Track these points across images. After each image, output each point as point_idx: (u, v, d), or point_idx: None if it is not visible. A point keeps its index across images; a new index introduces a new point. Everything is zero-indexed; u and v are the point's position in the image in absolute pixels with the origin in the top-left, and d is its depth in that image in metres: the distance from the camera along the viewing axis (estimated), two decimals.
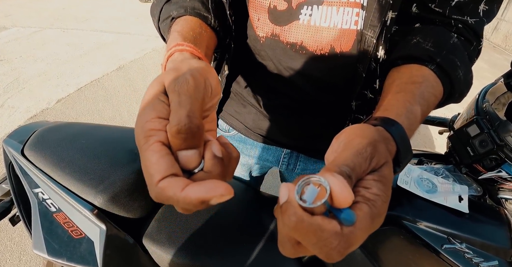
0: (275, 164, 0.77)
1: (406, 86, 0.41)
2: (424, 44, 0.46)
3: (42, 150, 0.65)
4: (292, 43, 0.55)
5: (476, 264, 0.57)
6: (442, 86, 0.44)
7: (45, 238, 0.60)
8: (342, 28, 0.52)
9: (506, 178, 0.71)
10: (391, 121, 0.34)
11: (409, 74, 0.44)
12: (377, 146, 0.29)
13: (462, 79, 0.45)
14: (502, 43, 5.95)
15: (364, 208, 0.24)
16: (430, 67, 0.44)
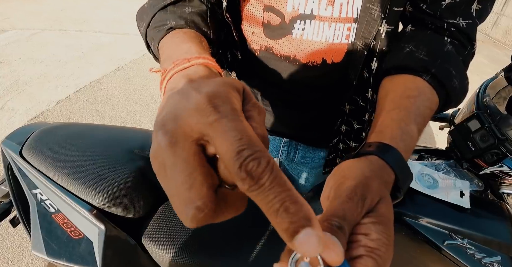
0: (275, 154, 0.78)
1: (400, 102, 0.40)
2: (418, 53, 0.45)
3: (40, 151, 0.65)
4: (285, 56, 0.57)
5: (479, 260, 0.56)
6: (438, 96, 0.43)
7: (44, 239, 0.59)
8: (333, 42, 0.53)
9: (508, 173, 0.70)
10: (386, 147, 0.33)
11: (403, 87, 0.43)
12: (368, 185, 0.27)
13: (457, 88, 0.44)
14: (502, 38, 5.93)
15: (369, 263, 0.23)
16: (425, 78, 0.43)
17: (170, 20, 0.45)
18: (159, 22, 0.46)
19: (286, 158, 0.79)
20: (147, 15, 0.48)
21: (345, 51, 0.55)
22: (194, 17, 0.46)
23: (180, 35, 0.42)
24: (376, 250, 0.24)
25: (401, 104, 0.39)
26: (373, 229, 0.25)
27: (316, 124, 0.69)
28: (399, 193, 0.33)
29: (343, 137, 0.67)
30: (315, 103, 0.65)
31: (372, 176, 0.29)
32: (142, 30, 0.49)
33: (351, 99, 0.60)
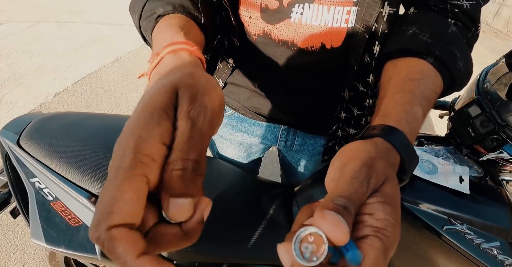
0: (273, 142, 0.77)
1: (404, 85, 0.39)
2: (421, 35, 0.44)
3: (38, 140, 0.65)
4: (283, 41, 0.55)
5: (478, 245, 0.56)
6: (442, 79, 0.42)
7: (43, 227, 0.60)
8: (332, 26, 0.52)
9: (508, 159, 0.70)
10: (391, 129, 0.33)
11: (407, 70, 0.42)
12: (373, 165, 0.27)
13: (462, 71, 0.44)
14: (504, 28, 5.88)
15: (376, 243, 0.23)
16: (429, 60, 0.42)
17: (159, 7, 0.43)
18: (149, 11, 0.44)
19: (285, 146, 0.78)
20: (138, 6, 0.47)
21: (344, 36, 0.54)
22: (183, 1, 0.44)
23: (164, 23, 0.41)
24: (382, 230, 0.23)
25: (405, 87, 0.39)
26: (380, 209, 0.24)
27: (315, 111, 0.69)
28: (405, 176, 0.32)
29: (342, 124, 0.67)
30: (314, 89, 0.65)
31: (377, 157, 0.28)
32: (136, 22, 0.48)
33: (351, 85, 0.59)
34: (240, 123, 0.76)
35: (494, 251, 0.56)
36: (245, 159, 0.85)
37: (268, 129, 0.75)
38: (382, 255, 0.23)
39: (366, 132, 0.34)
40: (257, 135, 0.77)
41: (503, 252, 0.56)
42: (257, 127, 0.75)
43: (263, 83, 0.66)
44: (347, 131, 0.67)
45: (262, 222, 0.64)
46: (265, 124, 0.74)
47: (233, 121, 0.76)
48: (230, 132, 0.79)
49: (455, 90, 0.47)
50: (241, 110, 0.72)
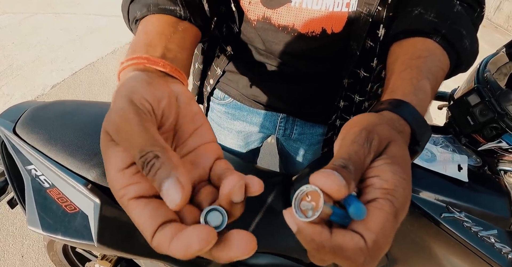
0: (272, 130, 0.77)
1: (411, 62, 0.39)
2: (427, 15, 0.44)
3: (34, 127, 0.64)
4: (283, 26, 0.55)
5: (475, 233, 0.56)
6: (449, 58, 0.42)
7: (39, 214, 0.59)
8: (333, 11, 0.51)
9: (507, 149, 0.70)
10: (398, 102, 0.32)
11: (413, 49, 0.42)
12: (374, 129, 0.26)
13: (468, 49, 0.43)
14: (504, 23, 5.85)
15: (385, 206, 0.22)
16: (435, 39, 0.42)
17: (137, 11, 0.42)
18: (132, 16, 0.44)
19: (283, 135, 0.78)
20: (124, 12, 0.46)
21: (345, 21, 0.53)
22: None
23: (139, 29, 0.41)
24: (391, 191, 0.22)
25: (411, 64, 0.38)
26: (387, 170, 0.24)
27: (314, 99, 0.68)
28: (418, 147, 0.31)
29: (341, 113, 0.66)
30: (313, 76, 0.64)
31: (380, 123, 0.28)
32: (128, 27, 0.47)
33: (351, 72, 0.59)
34: (239, 111, 0.75)
35: (491, 239, 0.56)
36: (244, 148, 0.85)
37: (266, 117, 0.75)
38: (392, 217, 0.22)
39: (373, 108, 0.33)
40: (255, 124, 0.76)
41: (501, 240, 0.56)
42: (255, 116, 0.75)
43: (262, 70, 0.65)
44: (347, 119, 0.67)
45: (261, 210, 0.64)
46: (264, 112, 0.74)
47: (232, 109, 0.76)
48: (229, 120, 0.78)
49: (461, 70, 0.47)
50: (240, 98, 0.72)
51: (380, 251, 0.22)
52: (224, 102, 0.75)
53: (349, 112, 0.65)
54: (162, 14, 0.41)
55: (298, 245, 0.68)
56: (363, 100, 0.62)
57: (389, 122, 0.29)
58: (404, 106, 0.32)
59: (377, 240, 0.21)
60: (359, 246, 0.21)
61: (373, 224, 0.21)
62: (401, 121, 0.30)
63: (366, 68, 0.56)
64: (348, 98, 0.63)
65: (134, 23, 0.43)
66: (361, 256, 0.21)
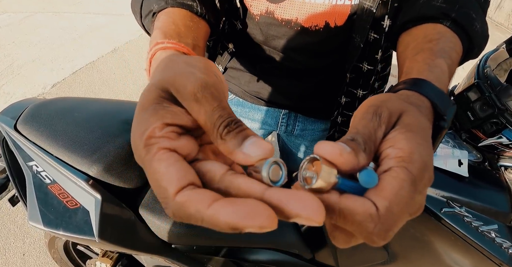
0: (274, 127, 0.77)
1: (423, 46, 0.38)
2: (434, 1, 0.43)
3: (35, 124, 0.64)
4: (287, 20, 0.55)
5: (476, 228, 0.56)
6: (461, 42, 0.41)
7: (40, 209, 0.59)
8: (336, 4, 0.51)
9: (507, 145, 0.70)
10: (413, 80, 0.30)
11: (424, 34, 0.41)
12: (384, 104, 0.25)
13: (479, 32, 0.42)
14: (505, 21, 5.84)
15: (400, 174, 0.20)
16: (445, 24, 0.41)
17: (153, 4, 0.43)
18: (146, 10, 0.44)
19: (285, 131, 0.78)
20: (137, 6, 0.46)
21: (348, 14, 0.53)
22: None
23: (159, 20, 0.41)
24: (407, 159, 0.21)
25: (423, 47, 0.37)
26: (402, 138, 0.22)
27: (316, 94, 0.68)
28: (444, 122, 0.29)
29: (342, 110, 0.66)
30: (315, 71, 0.64)
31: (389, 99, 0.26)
32: (139, 22, 0.48)
33: (353, 67, 0.59)
34: (241, 108, 0.75)
35: (492, 234, 0.56)
36: None
37: (268, 113, 0.75)
38: (408, 185, 0.20)
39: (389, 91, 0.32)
40: (257, 120, 0.76)
41: (501, 235, 0.56)
42: (257, 112, 0.75)
43: (265, 66, 0.65)
44: (348, 115, 0.66)
45: None
46: (266, 108, 0.74)
47: (233, 106, 0.76)
48: None
49: (474, 55, 0.45)
50: (242, 95, 0.72)
51: (395, 220, 0.20)
52: None
53: (351, 108, 0.65)
54: (180, 8, 0.42)
55: (299, 240, 0.68)
56: (366, 94, 0.62)
57: (401, 96, 0.27)
58: (421, 83, 0.30)
59: (390, 208, 0.19)
60: (370, 212, 0.19)
61: (386, 191, 0.20)
62: (419, 97, 0.28)
63: (370, 61, 0.56)
64: (350, 93, 0.63)
65: (151, 16, 0.43)
66: (371, 222, 0.19)
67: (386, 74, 0.68)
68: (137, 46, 3.12)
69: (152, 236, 0.63)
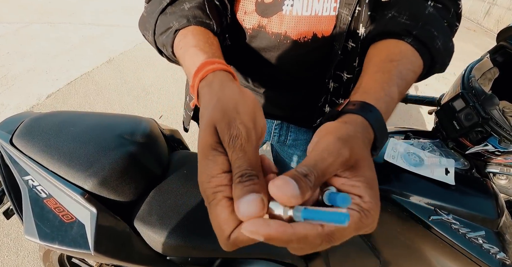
0: (267, 137, 0.79)
1: (384, 65, 0.41)
2: (400, 17, 0.46)
3: (31, 138, 0.65)
4: (276, 34, 0.57)
5: (463, 234, 0.58)
6: (422, 58, 0.43)
7: (36, 223, 0.60)
8: (322, 15, 0.54)
9: (493, 152, 0.72)
10: (370, 107, 0.34)
11: (387, 52, 0.44)
12: (349, 141, 0.28)
13: (441, 49, 0.45)
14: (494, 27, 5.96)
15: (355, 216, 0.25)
16: (407, 40, 0.44)
17: (173, 21, 0.46)
18: (163, 27, 0.47)
19: (278, 141, 0.79)
20: (150, 24, 0.49)
21: (334, 23, 0.55)
22: (195, 11, 0.47)
23: (186, 38, 0.44)
24: (366, 211, 0.26)
25: (384, 67, 0.41)
26: (367, 193, 0.27)
27: (307, 104, 0.70)
28: (375, 152, 0.34)
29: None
30: (304, 81, 0.66)
31: (355, 136, 0.30)
32: (150, 38, 0.50)
33: (335, 76, 0.60)
34: None
35: (479, 240, 0.58)
36: None
37: None
38: (354, 228, 0.25)
39: (346, 107, 0.36)
40: None
41: (488, 241, 0.57)
42: None
43: (255, 78, 0.67)
44: None
45: None
46: None
47: None
48: None
49: (437, 70, 0.48)
50: None
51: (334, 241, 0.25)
52: None
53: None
54: (201, 26, 0.46)
55: None
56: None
57: (362, 135, 0.31)
58: (374, 113, 0.34)
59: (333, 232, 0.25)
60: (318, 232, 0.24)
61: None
62: (369, 130, 0.33)
63: (349, 69, 0.58)
64: (332, 103, 0.65)
65: (172, 33, 0.46)
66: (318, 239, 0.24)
67: None
68: (132, 57, 3.13)
69: (147, 248, 0.64)
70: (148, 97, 2.56)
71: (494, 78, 0.82)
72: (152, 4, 0.50)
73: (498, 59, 0.84)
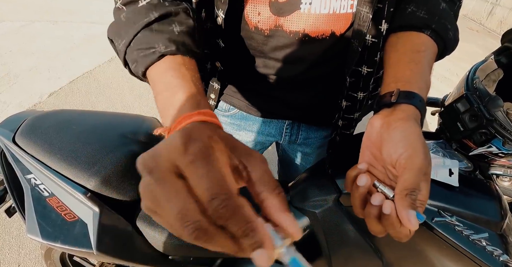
0: (278, 137, 0.79)
1: (413, 55, 0.48)
2: (418, 12, 0.53)
3: (34, 137, 0.65)
4: (295, 32, 0.57)
5: (467, 237, 0.57)
6: (437, 47, 0.51)
7: (38, 222, 0.60)
8: (340, 13, 0.55)
9: (497, 154, 0.72)
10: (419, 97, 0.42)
11: (411, 43, 0.51)
12: (427, 155, 0.37)
13: (452, 39, 0.53)
14: (497, 28, 5.94)
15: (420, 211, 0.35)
16: (427, 33, 0.51)
17: (159, 43, 0.41)
18: (145, 44, 0.42)
19: (289, 140, 0.79)
20: (126, 32, 0.44)
21: (351, 21, 0.56)
22: (184, 38, 0.43)
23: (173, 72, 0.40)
24: (424, 202, 0.36)
25: (414, 57, 0.48)
26: (424, 187, 0.36)
27: (318, 103, 0.70)
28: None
29: (343, 114, 0.68)
30: (318, 79, 0.66)
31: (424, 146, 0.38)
32: (121, 47, 0.45)
33: (353, 71, 0.61)
34: (244, 121, 0.76)
35: (483, 242, 0.57)
36: None
37: (272, 125, 0.76)
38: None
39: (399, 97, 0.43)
40: (261, 132, 0.77)
41: (492, 243, 0.57)
42: (261, 124, 0.76)
43: (269, 80, 0.66)
44: (350, 118, 0.68)
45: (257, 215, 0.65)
46: (269, 120, 0.75)
47: (237, 120, 0.77)
48: (234, 131, 0.79)
49: (447, 54, 0.57)
50: (245, 109, 0.73)
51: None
52: (229, 114, 0.76)
53: (352, 111, 0.67)
54: (188, 56, 0.43)
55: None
56: (366, 96, 0.64)
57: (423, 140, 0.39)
58: (422, 103, 0.43)
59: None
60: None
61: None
62: (419, 120, 0.42)
63: (369, 64, 0.59)
64: (350, 97, 0.65)
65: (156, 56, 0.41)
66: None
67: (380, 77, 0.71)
68: None
69: (149, 248, 0.64)
70: (151, 96, 2.57)
71: (498, 79, 0.82)
72: (135, 13, 0.44)
73: (502, 60, 0.84)
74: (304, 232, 0.66)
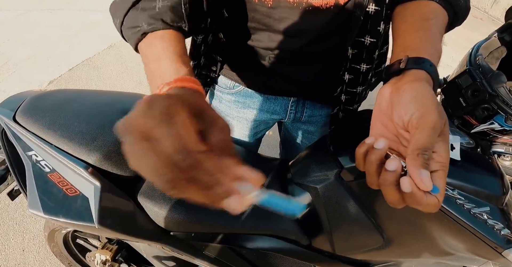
0: (283, 114, 0.78)
1: (422, 24, 0.47)
2: None
3: (34, 114, 0.65)
4: (298, 2, 0.56)
5: (468, 210, 0.57)
6: (448, 15, 0.50)
7: (40, 197, 0.60)
8: None
9: (499, 131, 0.71)
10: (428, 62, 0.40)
11: (419, 12, 0.49)
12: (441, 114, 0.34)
13: (463, 7, 0.52)
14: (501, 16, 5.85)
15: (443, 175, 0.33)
16: (436, 0, 0.50)
17: (142, 22, 0.46)
18: (132, 23, 0.47)
19: (294, 118, 0.79)
20: (119, 13, 0.49)
21: None
22: (166, 13, 0.46)
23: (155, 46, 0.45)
24: (445, 164, 0.34)
25: (422, 25, 0.46)
26: (442, 147, 0.34)
27: (322, 78, 0.69)
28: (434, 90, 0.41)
29: (345, 88, 0.67)
30: (322, 54, 0.65)
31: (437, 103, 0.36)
32: (117, 26, 0.51)
33: (354, 42, 0.60)
34: (249, 98, 0.76)
35: (484, 216, 0.57)
36: (251, 138, 0.85)
37: (277, 102, 0.76)
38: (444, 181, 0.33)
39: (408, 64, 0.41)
40: (266, 110, 0.77)
41: (493, 217, 0.57)
42: (266, 102, 0.76)
43: (275, 55, 0.65)
44: (353, 92, 0.67)
45: None
46: (274, 97, 0.75)
47: (242, 98, 0.76)
48: (238, 109, 0.78)
49: (458, 24, 0.56)
50: (249, 85, 0.72)
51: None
52: (234, 91, 0.76)
53: (355, 84, 0.66)
54: (171, 29, 0.46)
55: (296, 227, 0.69)
56: (369, 69, 0.63)
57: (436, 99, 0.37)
58: (434, 68, 0.41)
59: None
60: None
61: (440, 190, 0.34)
62: (431, 83, 0.40)
63: (373, 34, 0.58)
64: (353, 70, 0.64)
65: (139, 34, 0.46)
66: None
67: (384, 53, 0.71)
68: None
69: (150, 223, 0.64)
70: None
71: (501, 57, 0.81)
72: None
73: (506, 38, 0.83)
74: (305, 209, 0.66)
